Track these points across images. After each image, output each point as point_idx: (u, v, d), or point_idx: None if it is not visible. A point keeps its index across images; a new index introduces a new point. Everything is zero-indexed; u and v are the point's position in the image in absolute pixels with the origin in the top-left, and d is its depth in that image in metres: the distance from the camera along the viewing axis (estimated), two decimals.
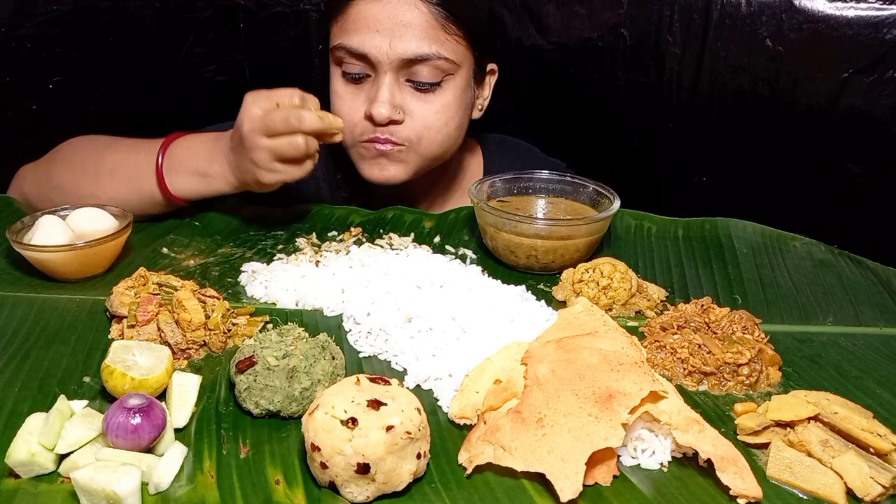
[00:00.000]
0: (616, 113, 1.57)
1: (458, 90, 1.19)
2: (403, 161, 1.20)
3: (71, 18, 1.35)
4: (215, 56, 1.59)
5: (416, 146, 1.19)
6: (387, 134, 1.17)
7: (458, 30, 1.14)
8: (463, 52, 1.17)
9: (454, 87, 1.18)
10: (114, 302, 0.90)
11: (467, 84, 1.21)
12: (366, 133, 1.18)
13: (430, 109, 1.17)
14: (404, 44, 1.11)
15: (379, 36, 1.11)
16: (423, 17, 1.11)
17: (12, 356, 0.84)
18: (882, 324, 0.99)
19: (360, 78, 1.17)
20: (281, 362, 0.75)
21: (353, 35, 1.13)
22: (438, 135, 1.20)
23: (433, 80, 1.15)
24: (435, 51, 1.12)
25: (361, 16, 1.12)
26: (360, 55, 1.13)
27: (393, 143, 1.18)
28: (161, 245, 1.13)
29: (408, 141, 1.18)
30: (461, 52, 1.16)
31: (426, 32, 1.11)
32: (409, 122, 1.17)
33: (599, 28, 1.48)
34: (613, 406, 0.69)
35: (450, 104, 1.18)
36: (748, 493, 0.66)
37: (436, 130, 1.19)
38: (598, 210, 1.13)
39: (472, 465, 0.69)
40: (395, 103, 1.15)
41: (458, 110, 1.21)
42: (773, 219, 1.25)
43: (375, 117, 1.15)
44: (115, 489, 0.61)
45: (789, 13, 1.34)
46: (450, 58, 1.14)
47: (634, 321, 0.97)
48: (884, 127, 1.34)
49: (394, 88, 1.15)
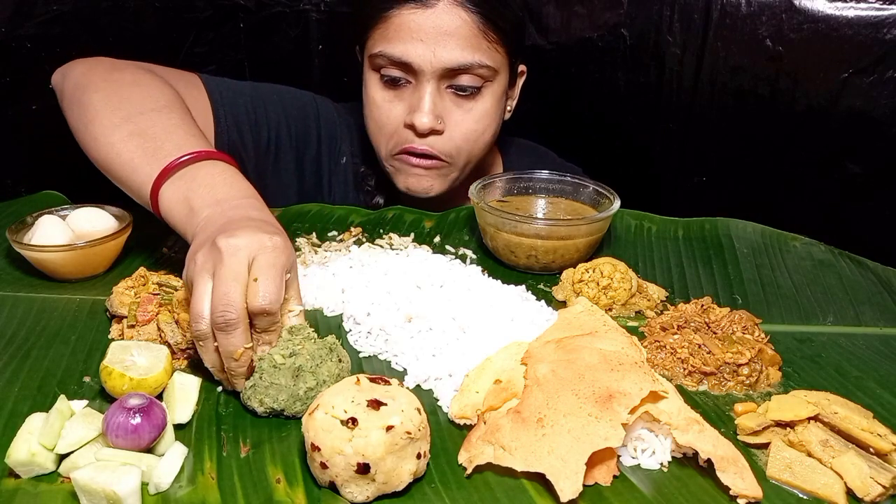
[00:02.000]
0: (616, 113, 1.57)
1: (496, 97, 1.20)
2: (443, 175, 1.23)
3: (71, 18, 1.35)
4: (215, 56, 1.59)
5: (455, 160, 1.21)
6: (425, 145, 1.18)
7: (497, 36, 1.14)
8: (501, 58, 1.17)
9: (492, 93, 1.19)
10: (114, 302, 0.90)
11: (503, 90, 1.22)
12: (402, 143, 1.19)
13: (470, 118, 1.18)
14: (448, 52, 1.11)
15: (423, 45, 1.11)
16: (466, 25, 1.11)
17: (12, 356, 0.84)
18: (882, 324, 0.99)
19: (400, 83, 1.17)
20: (287, 361, 0.75)
21: (395, 43, 1.12)
22: (475, 146, 1.22)
23: (474, 86, 1.16)
24: (477, 59, 1.13)
25: (405, 25, 1.11)
26: (402, 63, 1.13)
27: (432, 157, 1.19)
28: (161, 245, 1.13)
29: (448, 157, 1.20)
30: (500, 59, 1.17)
31: (469, 41, 1.12)
32: (448, 133, 1.18)
33: (599, 28, 1.49)
34: (613, 406, 0.69)
35: (488, 111, 1.20)
36: (748, 493, 0.66)
37: (473, 141, 1.21)
38: (598, 210, 1.13)
39: (472, 465, 0.69)
40: (437, 113, 1.16)
41: (495, 117, 1.22)
42: (773, 219, 1.25)
43: (418, 127, 1.16)
44: (115, 489, 0.61)
45: (789, 13, 1.34)
46: (490, 65, 1.15)
47: (634, 321, 0.97)
48: (884, 127, 1.34)
49: (436, 97, 1.15)
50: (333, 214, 1.26)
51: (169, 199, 0.89)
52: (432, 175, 1.22)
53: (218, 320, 0.72)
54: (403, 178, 1.23)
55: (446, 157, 1.20)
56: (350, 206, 1.30)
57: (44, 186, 1.29)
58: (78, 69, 1.07)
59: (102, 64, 1.08)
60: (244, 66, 1.64)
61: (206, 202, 0.86)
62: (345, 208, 1.29)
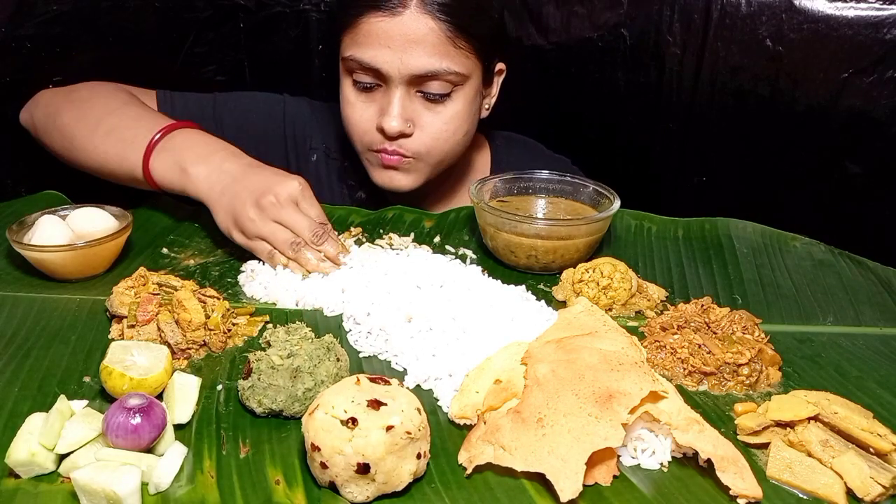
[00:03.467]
0: (616, 113, 1.57)
1: (468, 99, 1.20)
2: (412, 171, 1.23)
3: (71, 18, 1.35)
4: (215, 56, 1.59)
5: (425, 157, 1.21)
6: (395, 146, 1.19)
7: (467, 43, 1.14)
8: (472, 63, 1.17)
9: (463, 96, 1.19)
10: (114, 302, 0.90)
11: (476, 92, 1.22)
12: (375, 143, 1.20)
13: (439, 120, 1.19)
14: (415, 60, 1.11)
15: (390, 52, 1.11)
16: (434, 33, 1.11)
17: (12, 356, 0.84)
18: (882, 324, 0.99)
19: (371, 88, 1.18)
20: (285, 362, 0.75)
21: (365, 49, 1.13)
22: (447, 144, 1.22)
23: (443, 92, 1.16)
24: (445, 66, 1.13)
25: (373, 31, 1.12)
26: (371, 69, 1.14)
27: (402, 155, 1.20)
28: (161, 245, 1.13)
29: (417, 154, 1.20)
30: (471, 64, 1.17)
31: (436, 49, 1.12)
32: (418, 134, 1.19)
33: (599, 28, 1.48)
34: (613, 406, 0.69)
35: (459, 113, 1.20)
36: (748, 493, 0.66)
37: (444, 141, 1.21)
38: (598, 210, 1.13)
39: (472, 465, 0.69)
40: (406, 117, 1.17)
41: (466, 118, 1.22)
42: (773, 219, 1.25)
43: (387, 130, 1.16)
44: (115, 489, 0.61)
45: (789, 13, 1.34)
46: (460, 71, 1.15)
47: (634, 321, 0.97)
48: (884, 127, 1.34)
49: (405, 101, 1.16)
50: (333, 214, 1.26)
51: (161, 170, 1.08)
52: (402, 170, 1.23)
53: (313, 239, 1.01)
54: (377, 174, 1.25)
55: (416, 155, 1.20)
56: (350, 207, 1.30)
57: (44, 186, 1.29)
58: (41, 102, 1.23)
59: (59, 92, 1.23)
60: (244, 66, 1.63)
61: (193, 160, 1.06)
62: (345, 208, 1.29)
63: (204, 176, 1.05)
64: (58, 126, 1.17)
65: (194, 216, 1.23)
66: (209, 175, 1.05)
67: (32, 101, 1.24)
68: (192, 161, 1.06)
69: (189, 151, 1.08)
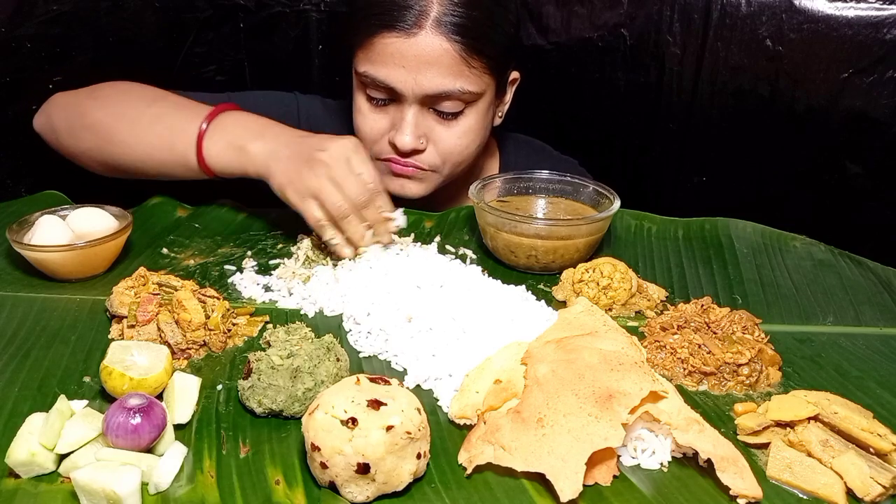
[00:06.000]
0: (616, 113, 1.57)
1: (480, 114, 1.20)
2: (425, 181, 1.23)
3: (71, 18, 1.35)
4: (215, 56, 1.59)
5: (440, 169, 1.22)
6: (407, 158, 1.19)
7: (481, 62, 1.14)
8: (486, 81, 1.17)
9: (476, 111, 1.19)
10: (114, 302, 0.90)
11: (489, 104, 1.22)
12: (384, 153, 1.21)
13: (452, 135, 1.19)
14: (429, 80, 1.11)
15: (404, 71, 1.11)
16: (448, 54, 1.10)
17: (12, 356, 0.84)
18: (882, 324, 0.99)
19: (385, 103, 1.18)
20: (285, 362, 0.75)
21: (378, 67, 1.13)
22: (460, 157, 1.22)
23: (456, 111, 1.17)
24: (459, 87, 1.13)
25: (388, 51, 1.11)
26: (385, 87, 1.14)
27: (417, 167, 1.20)
28: (161, 245, 1.13)
29: (433, 166, 1.21)
30: (484, 82, 1.17)
31: (450, 69, 1.11)
32: (431, 149, 1.19)
33: (599, 28, 1.49)
34: (613, 406, 0.69)
35: (472, 127, 1.20)
36: (748, 493, 0.66)
37: (457, 154, 1.21)
38: (598, 210, 1.13)
39: (472, 465, 0.69)
40: (419, 133, 1.17)
41: (480, 132, 1.22)
42: (773, 219, 1.25)
43: (399, 147, 1.17)
44: (115, 489, 0.61)
45: (789, 13, 1.34)
46: (473, 91, 1.15)
47: (634, 321, 0.97)
48: (884, 127, 1.34)
49: (418, 118, 1.16)
50: None
51: (216, 153, 1.10)
52: (416, 181, 1.23)
53: (360, 199, 1.02)
54: (388, 181, 1.24)
55: (431, 167, 1.21)
56: None
57: (44, 186, 1.29)
58: (59, 105, 1.20)
59: (80, 93, 1.20)
60: (244, 66, 1.64)
61: (249, 138, 1.09)
62: None
63: (263, 150, 1.07)
64: (88, 125, 1.15)
65: (194, 216, 1.23)
66: (267, 148, 1.07)
67: (48, 104, 1.22)
68: (248, 138, 1.08)
69: (243, 130, 1.10)
